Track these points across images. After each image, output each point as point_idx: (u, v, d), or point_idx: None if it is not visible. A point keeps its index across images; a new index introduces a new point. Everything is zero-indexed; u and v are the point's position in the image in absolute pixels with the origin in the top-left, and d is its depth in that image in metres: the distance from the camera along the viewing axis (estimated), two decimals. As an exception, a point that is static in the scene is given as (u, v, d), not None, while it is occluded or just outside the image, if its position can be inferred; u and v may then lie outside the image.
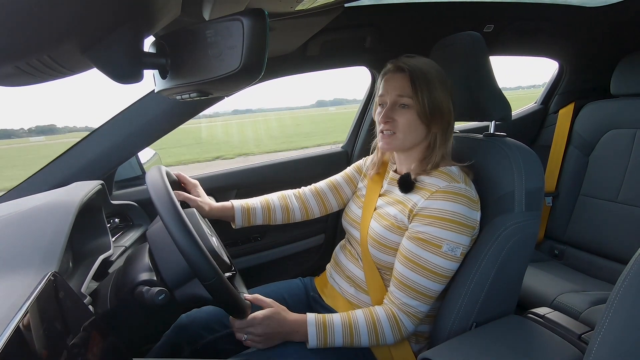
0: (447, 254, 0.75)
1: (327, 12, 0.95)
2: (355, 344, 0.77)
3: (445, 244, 0.75)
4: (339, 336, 0.77)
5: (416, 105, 0.78)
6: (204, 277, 0.63)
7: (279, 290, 1.03)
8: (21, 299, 0.47)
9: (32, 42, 0.34)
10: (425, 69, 0.78)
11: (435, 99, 0.77)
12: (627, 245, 1.32)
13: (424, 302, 0.78)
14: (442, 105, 0.78)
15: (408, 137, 0.80)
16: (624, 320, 0.45)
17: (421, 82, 0.77)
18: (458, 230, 0.75)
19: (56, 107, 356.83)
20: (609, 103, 1.46)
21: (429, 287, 0.77)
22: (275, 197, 1.04)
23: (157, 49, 0.55)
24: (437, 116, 0.79)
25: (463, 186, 0.78)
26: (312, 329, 0.77)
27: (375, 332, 0.77)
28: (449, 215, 0.75)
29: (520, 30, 1.43)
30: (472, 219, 0.77)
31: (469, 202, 0.77)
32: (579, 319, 1.08)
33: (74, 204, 0.70)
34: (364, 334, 0.77)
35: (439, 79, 0.79)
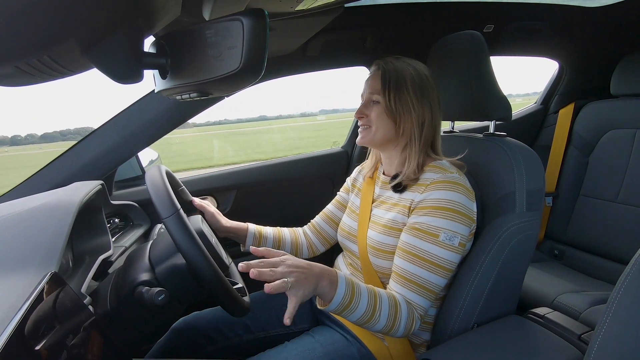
0: (444, 243, 0.74)
1: (327, 12, 0.95)
2: (373, 321, 0.71)
3: (442, 233, 0.74)
4: (363, 303, 0.69)
5: (384, 101, 0.81)
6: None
7: (281, 298, 1.00)
8: (21, 299, 0.47)
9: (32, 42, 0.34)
10: (400, 70, 0.80)
11: (403, 98, 0.80)
12: (627, 245, 1.32)
13: (426, 297, 0.75)
14: (412, 106, 0.80)
15: (378, 131, 0.83)
16: (625, 320, 0.45)
17: (391, 80, 0.80)
18: (455, 218, 0.74)
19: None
20: (609, 103, 1.46)
21: (430, 279, 0.74)
22: (286, 230, 1.06)
23: (157, 49, 0.55)
24: (405, 115, 0.80)
25: (457, 175, 0.78)
26: (342, 282, 0.68)
27: (395, 314, 0.72)
28: (445, 203, 0.75)
29: (520, 30, 1.43)
30: (470, 209, 0.76)
31: (466, 191, 0.76)
32: (579, 319, 1.08)
33: (74, 204, 0.70)
34: (385, 311, 0.71)
35: (414, 81, 0.80)
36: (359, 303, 0.69)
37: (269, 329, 0.96)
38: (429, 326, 0.84)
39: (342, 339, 0.85)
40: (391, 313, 0.71)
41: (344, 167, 1.51)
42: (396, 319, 0.72)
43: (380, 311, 0.71)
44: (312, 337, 0.86)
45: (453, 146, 0.92)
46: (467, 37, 0.91)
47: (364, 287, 0.72)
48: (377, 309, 0.71)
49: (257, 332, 0.95)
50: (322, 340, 0.84)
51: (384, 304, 0.72)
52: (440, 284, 0.75)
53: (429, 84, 0.81)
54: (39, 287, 0.50)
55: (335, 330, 0.88)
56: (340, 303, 0.68)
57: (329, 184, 1.51)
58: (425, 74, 0.81)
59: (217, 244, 0.81)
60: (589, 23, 1.49)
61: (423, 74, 0.81)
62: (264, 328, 0.96)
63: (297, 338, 0.87)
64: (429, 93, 0.81)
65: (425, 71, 0.82)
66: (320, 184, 1.50)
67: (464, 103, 0.93)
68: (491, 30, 1.37)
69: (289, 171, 1.43)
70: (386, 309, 0.71)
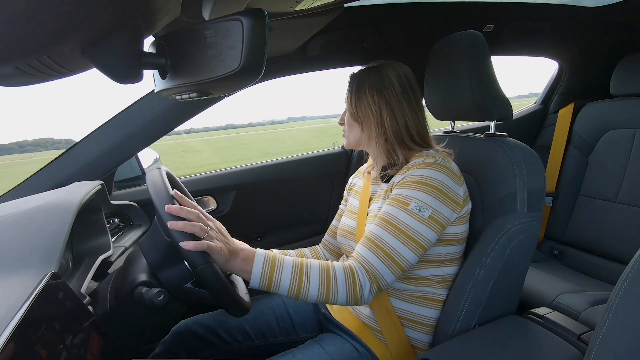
0: (413, 212, 0.73)
1: (327, 12, 0.95)
2: (302, 292, 0.69)
3: (413, 202, 0.74)
4: (286, 274, 0.69)
5: (348, 107, 0.88)
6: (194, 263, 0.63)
7: (283, 304, 1.00)
8: (20, 299, 0.47)
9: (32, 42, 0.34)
10: (363, 77, 0.85)
11: (361, 102, 0.84)
12: (627, 245, 1.32)
13: (386, 263, 0.72)
14: (370, 108, 0.84)
15: (350, 135, 0.90)
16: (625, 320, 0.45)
17: (353, 87, 0.86)
18: (430, 192, 0.74)
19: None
20: (608, 103, 1.46)
21: (394, 246, 0.72)
22: (307, 251, 1.07)
23: (157, 49, 0.55)
24: (365, 118, 0.85)
25: (440, 159, 0.78)
26: (260, 259, 0.69)
27: (327, 280, 0.70)
28: (422, 179, 0.75)
29: (520, 30, 1.43)
30: (453, 191, 0.76)
31: (448, 172, 0.76)
32: (579, 320, 1.08)
33: (74, 204, 0.70)
34: (314, 279, 0.69)
35: (372, 85, 0.83)
36: (282, 276, 0.69)
37: (269, 337, 0.95)
38: (430, 329, 0.84)
39: (352, 350, 0.83)
40: (322, 281, 0.70)
41: (344, 167, 1.51)
42: (330, 284, 0.70)
43: (309, 278, 0.70)
44: (320, 346, 0.84)
45: (453, 146, 0.92)
46: (468, 37, 0.91)
47: (289, 260, 0.71)
48: (304, 275, 0.70)
49: (257, 339, 0.94)
50: (332, 352, 0.82)
51: (313, 274, 0.70)
52: (406, 255, 0.73)
53: (390, 83, 0.83)
54: (38, 287, 0.50)
55: (345, 340, 0.86)
56: (260, 278, 0.68)
57: (329, 184, 1.51)
58: (388, 77, 0.83)
59: None
60: (589, 23, 1.49)
61: (385, 77, 0.84)
62: (264, 335, 0.95)
63: (303, 346, 0.86)
64: (387, 93, 0.83)
65: (389, 74, 0.84)
66: (320, 184, 1.50)
67: (465, 103, 0.93)
68: (491, 30, 1.37)
69: (289, 171, 1.43)
70: (315, 278, 0.70)
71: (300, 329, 0.97)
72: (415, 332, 0.83)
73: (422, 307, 0.83)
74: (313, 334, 0.95)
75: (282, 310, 0.98)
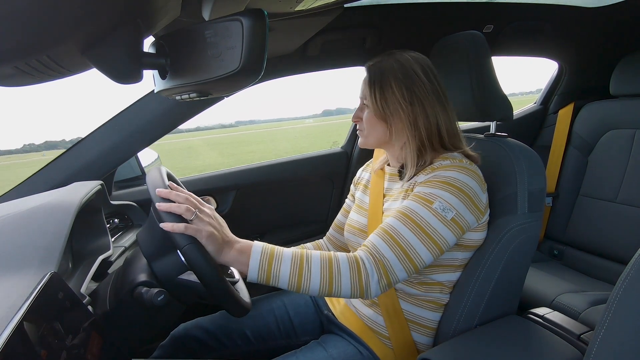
0: (436, 211, 0.70)
1: (327, 12, 0.95)
2: (303, 283, 0.65)
3: (437, 201, 0.70)
4: (286, 266, 0.65)
5: (372, 105, 0.80)
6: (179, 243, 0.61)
7: (284, 306, 0.98)
8: (20, 299, 0.47)
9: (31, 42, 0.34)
10: (386, 70, 0.78)
11: (389, 99, 0.78)
12: (627, 245, 1.32)
13: (402, 261, 0.67)
14: (400, 106, 0.77)
15: (371, 133, 0.83)
16: (625, 320, 0.45)
17: (375, 83, 0.79)
18: (456, 194, 0.70)
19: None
20: (608, 103, 1.46)
21: (412, 243, 0.68)
22: (309, 245, 1.04)
23: (157, 49, 0.55)
24: (394, 116, 0.79)
25: (467, 164, 0.75)
26: (257, 250, 0.65)
27: (329, 270, 0.65)
28: (450, 180, 0.72)
29: (519, 31, 1.43)
30: (478, 196, 0.73)
31: (476, 177, 0.73)
32: (579, 319, 1.08)
33: (74, 204, 0.70)
34: (316, 269, 0.65)
35: (398, 80, 0.77)
36: (281, 267, 0.65)
37: (269, 340, 0.94)
38: (432, 331, 0.83)
39: (355, 352, 0.83)
40: (324, 271, 0.65)
41: (344, 167, 1.51)
42: (332, 273, 0.65)
43: (309, 268, 0.65)
44: (323, 348, 0.83)
45: None
46: (469, 37, 0.91)
47: (288, 251, 0.67)
48: (304, 270, 0.65)
49: (257, 342, 0.93)
50: (335, 355, 0.81)
51: (314, 263, 0.66)
52: (422, 254, 0.69)
53: (419, 78, 0.78)
54: (38, 287, 0.50)
55: (348, 342, 0.85)
56: (258, 269, 0.64)
57: (329, 184, 1.51)
58: (414, 69, 0.78)
59: None
60: (589, 23, 1.49)
61: (410, 70, 0.78)
62: (264, 338, 0.94)
63: (306, 348, 0.85)
64: (418, 88, 0.78)
65: (414, 66, 0.79)
66: (320, 184, 1.50)
67: (465, 103, 0.93)
68: (491, 31, 1.37)
69: (289, 171, 1.43)
70: (317, 268, 0.65)
71: (300, 331, 0.96)
72: (418, 334, 0.83)
73: (427, 310, 0.82)
74: (314, 336, 0.94)
75: (283, 312, 0.97)
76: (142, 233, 0.72)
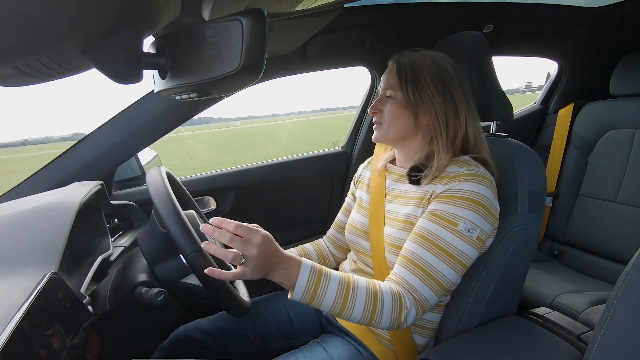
0: (462, 234, 0.69)
1: (327, 12, 0.95)
2: (346, 310, 0.66)
3: (461, 222, 0.69)
4: (332, 290, 0.65)
5: (399, 96, 0.78)
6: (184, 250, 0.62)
7: (284, 307, 0.98)
8: (20, 299, 0.47)
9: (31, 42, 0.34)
10: (418, 61, 0.77)
11: (421, 90, 0.76)
12: (627, 245, 1.32)
13: (432, 288, 0.69)
14: (433, 97, 0.76)
15: (392, 127, 0.80)
16: (625, 320, 0.45)
17: (407, 73, 0.77)
18: (478, 211, 0.70)
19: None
20: (608, 103, 1.46)
21: (440, 269, 0.69)
22: (309, 245, 1.05)
23: (157, 49, 0.55)
24: (425, 107, 0.77)
25: (483, 170, 0.74)
26: (306, 270, 0.64)
27: (374, 302, 0.66)
28: (470, 194, 0.70)
29: (520, 31, 1.43)
30: (494, 206, 0.73)
31: (492, 186, 0.73)
32: (578, 320, 1.08)
33: (74, 204, 0.70)
34: (361, 300, 0.66)
35: (432, 72, 0.76)
36: (327, 289, 0.65)
37: (269, 342, 0.93)
38: (432, 332, 0.83)
39: (356, 353, 0.82)
40: (369, 298, 0.66)
41: (344, 167, 1.51)
42: (376, 307, 0.66)
43: (355, 297, 0.66)
44: (323, 349, 0.83)
45: None
46: (469, 37, 0.91)
47: (335, 275, 0.67)
48: (350, 294, 0.66)
49: (256, 344, 0.93)
50: (335, 355, 0.81)
51: (360, 289, 0.66)
52: (451, 277, 0.70)
53: (450, 75, 0.77)
54: (38, 287, 0.50)
55: (347, 342, 0.85)
56: (304, 292, 0.64)
57: (329, 184, 1.51)
58: (445, 66, 0.77)
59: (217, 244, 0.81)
60: (589, 23, 1.49)
61: (442, 66, 0.77)
62: (263, 340, 0.93)
63: (306, 348, 0.85)
64: (450, 85, 0.77)
65: (444, 63, 0.78)
66: (320, 184, 1.50)
67: None
68: (491, 31, 1.37)
69: (289, 171, 1.43)
70: (363, 295, 0.66)
71: (300, 332, 0.96)
72: (419, 336, 0.83)
73: (430, 312, 0.82)
74: (313, 337, 0.94)
75: (283, 313, 0.96)
76: (143, 236, 0.73)
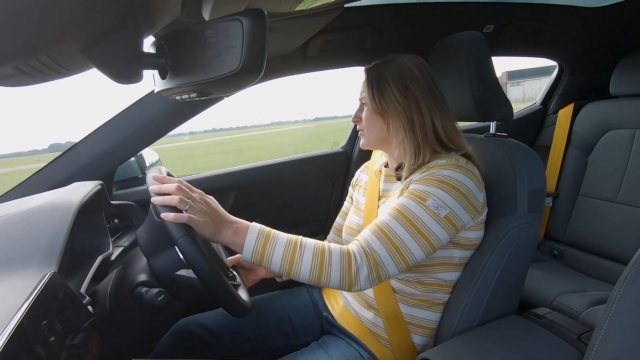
0: (429, 209, 0.70)
1: (327, 12, 0.95)
2: (294, 268, 0.67)
3: (431, 198, 0.71)
4: (279, 249, 0.67)
5: (370, 102, 0.83)
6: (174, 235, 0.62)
7: (284, 306, 0.98)
8: (20, 299, 0.47)
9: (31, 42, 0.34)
10: (382, 69, 0.82)
11: (385, 94, 0.80)
12: (627, 245, 1.32)
13: (393, 257, 0.69)
14: (396, 100, 0.80)
15: (371, 132, 0.85)
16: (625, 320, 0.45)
17: (373, 80, 0.82)
18: (451, 192, 0.71)
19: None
20: (608, 103, 1.46)
21: (405, 241, 0.69)
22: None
23: (157, 49, 0.55)
24: (391, 110, 0.80)
25: (464, 163, 0.76)
26: (255, 230, 0.68)
27: (321, 258, 0.67)
28: (444, 178, 0.72)
29: (520, 31, 1.43)
30: (474, 196, 0.73)
31: (472, 176, 0.74)
32: (578, 320, 1.08)
33: (74, 204, 0.70)
34: (308, 256, 0.67)
35: (395, 76, 0.80)
36: (275, 250, 0.67)
37: (268, 340, 0.94)
38: (432, 332, 0.83)
39: (356, 355, 0.83)
40: (316, 259, 0.68)
41: (344, 167, 1.51)
42: (324, 263, 0.67)
43: (302, 254, 0.68)
44: (324, 350, 0.84)
45: None
46: (469, 37, 0.91)
47: (284, 235, 0.70)
48: (296, 255, 0.68)
49: (256, 342, 0.93)
50: (336, 357, 0.81)
51: (307, 250, 0.68)
52: (414, 251, 0.70)
53: (413, 75, 0.80)
54: (38, 287, 0.50)
55: (348, 344, 0.85)
56: (253, 250, 0.67)
57: (329, 184, 1.51)
58: (409, 68, 0.80)
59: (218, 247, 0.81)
60: (589, 23, 1.49)
61: (406, 68, 0.80)
62: (263, 339, 0.94)
63: (307, 349, 0.85)
64: (413, 85, 0.79)
65: (409, 64, 0.80)
66: (320, 184, 1.50)
67: (465, 103, 0.93)
68: (491, 30, 1.37)
69: (289, 171, 1.43)
70: (309, 256, 0.68)
71: (300, 332, 0.96)
72: (419, 336, 0.83)
73: (427, 311, 0.82)
74: (313, 337, 0.94)
75: (283, 313, 0.97)
76: (141, 230, 0.73)
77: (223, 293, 0.65)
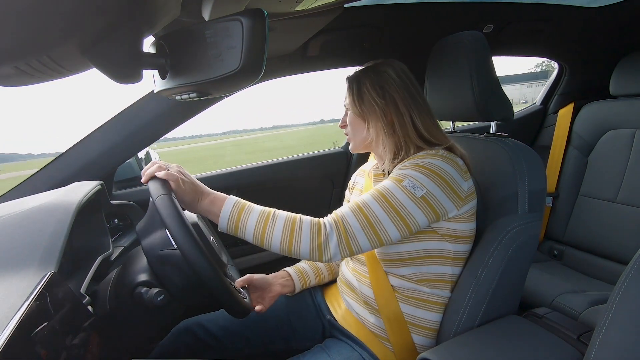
0: (405, 188, 0.72)
1: (327, 12, 0.95)
2: (266, 237, 0.70)
3: (407, 179, 0.73)
4: (253, 219, 0.71)
5: (351, 107, 0.87)
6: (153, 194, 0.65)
7: (285, 310, 0.98)
8: (20, 299, 0.47)
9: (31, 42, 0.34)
10: (360, 75, 0.85)
11: (364, 98, 0.84)
12: (627, 245, 1.32)
13: (366, 231, 0.71)
14: (375, 103, 0.83)
15: (355, 135, 0.89)
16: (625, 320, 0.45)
17: (353, 87, 0.86)
18: (429, 175, 0.73)
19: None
20: (608, 103, 1.46)
21: (379, 216, 0.71)
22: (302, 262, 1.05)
23: (157, 49, 0.55)
24: (370, 113, 0.84)
25: (446, 152, 0.78)
26: (231, 201, 0.72)
27: (291, 227, 0.70)
28: (423, 163, 0.75)
29: (520, 31, 1.43)
30: (454, 180, 0.75)
31: (453, 163, 0.76)
32: (578, 320, 1.08)
33: (74, 204, 0.70)
34: (279, 225, 0.70)
35: (372, 80, 0.83)
36: (248, 220, 0.71)
37: (269, 344, 0.94)
38: (433, 332, 0.83)
39: (359, 359, 0.82)
40: (286, 227, 0.71)
41: (344, 167, 1.52)
42: (293, 234, 0.70)
43: (273, 226, 0.71)
44: (327, 354, 0.83)
45: None
46: (469, 37, 0.91)
47: (258, 207, 0.73)
48: (268, 224, 0.71)
49: (257, 345, 0.93)
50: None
51: (279, 220, 0.71)
52: (388, 229, 0.71)
53: (390, 77, 0.83)
54: (38, 287, 0.50)
55: (351, 348, 0.85)
56: (228, 219, 0.70)
57: (329, 184, 1.51)
58: (385, 71, 0.83)
59: (215, 242, 0.81)
60: (589, 23, 1.49)
61: (382, 72, 0.83)
62: (264, 341, 0.94)
63: (310, 353, 0.85)
64: (390, 86, 0.82)
65: (386, 68, 0.84)
66: (320, 184, 1.50)
67: (466, 103, 0.93)
68: (491, 30, 1.37)
69: (289, 171, 1.43)
70: (280, 225, 0.71)
71: (301, 335, 0.96)
72: (420, 336, 0.83)
73: (427, 311, 0.82)
74: (314, 341, 0.93)
75: (284, 316, 0.96)
76: (142, 220, 0.75)
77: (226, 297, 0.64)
